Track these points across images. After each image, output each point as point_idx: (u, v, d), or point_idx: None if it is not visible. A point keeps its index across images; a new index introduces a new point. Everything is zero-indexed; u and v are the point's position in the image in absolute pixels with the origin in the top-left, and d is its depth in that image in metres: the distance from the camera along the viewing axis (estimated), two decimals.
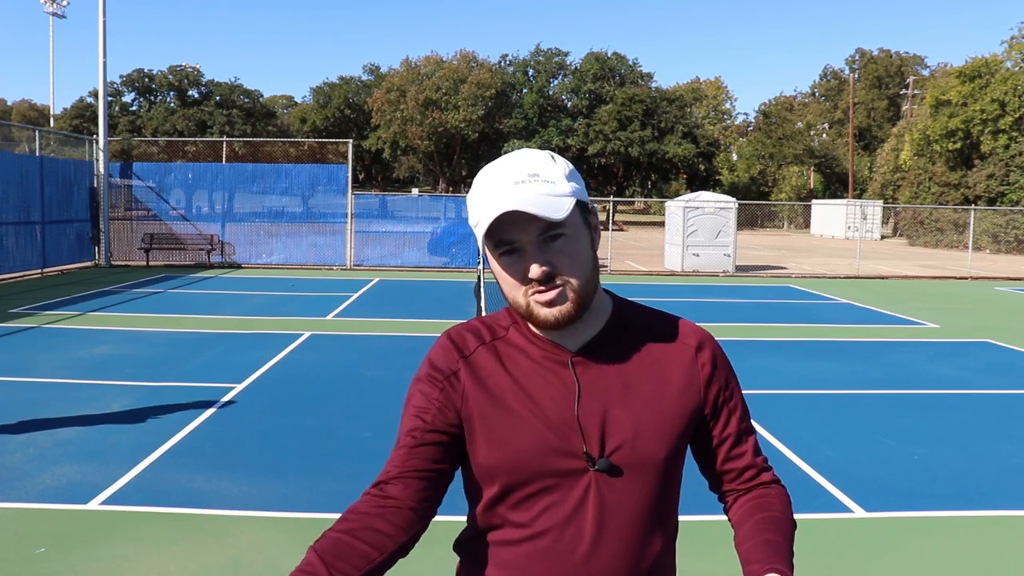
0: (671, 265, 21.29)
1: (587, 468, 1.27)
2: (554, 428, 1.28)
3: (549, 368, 1.31)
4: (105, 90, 20.37)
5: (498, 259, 1.28)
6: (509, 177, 1.25)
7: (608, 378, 1.31)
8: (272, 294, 14.76)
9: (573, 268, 1.27)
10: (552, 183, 1.25)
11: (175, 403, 6.82)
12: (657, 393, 1.32)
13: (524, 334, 1.35)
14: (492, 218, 1.21)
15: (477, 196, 1.28)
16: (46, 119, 61.49)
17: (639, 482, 1.29)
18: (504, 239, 1.25)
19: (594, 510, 1.28)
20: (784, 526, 1.34)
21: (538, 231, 1.24)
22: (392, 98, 55.81)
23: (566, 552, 1.28)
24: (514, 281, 1.27)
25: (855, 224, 40.63)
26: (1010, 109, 35.11)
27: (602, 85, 60.29)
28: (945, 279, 20.76)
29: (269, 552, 4.08)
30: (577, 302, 1.27)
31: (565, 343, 1.33)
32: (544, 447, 1.27)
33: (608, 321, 1.36)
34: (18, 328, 10.40)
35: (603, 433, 1.28)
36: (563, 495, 1.28)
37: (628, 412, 1.30)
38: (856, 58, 73.10)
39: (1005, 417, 6.95)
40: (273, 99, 75.64)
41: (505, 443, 1.29)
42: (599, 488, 1.28)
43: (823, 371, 8.72)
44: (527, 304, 1.27)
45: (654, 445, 1.30)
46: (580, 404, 1.29)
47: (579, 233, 1.29)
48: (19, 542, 4.11)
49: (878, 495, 5.01)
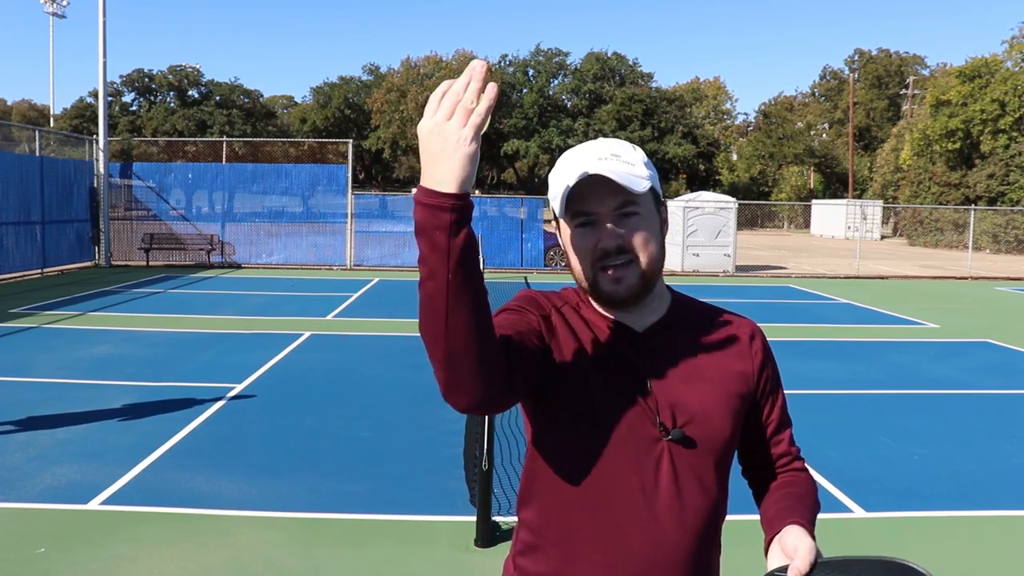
0: (671, 265, 21.27)
1: (660, 437, 1.33)
2: (628, 398, 1.33)
3: (616, 345, 1.37)
4: (105, 90, 20.37)
5: (574, 231, 1.34)
6: (593, 154, 1.32)
7: (673, 358, 1.38)
8: (272, 294, 14.76)
9: (644, 247, 1.33)
10: (632, 165, 1.34)
11: (175, 403, 6.82)
12: (718, 375, 1.39)
13: (593, 311, 1.41)
14: (576, 179, 1.27)
15: (560, 169, 1.35)
16: (46, 119, 61.49)
17: (707, 457, 1.36)
18: (582, 210, 1.32)
19: (668, 479, 1.33)
20: (807, 499, 1.43)
21: (616, 204, 1.31)
22: (392, 98, 55.82)
23: (639, 517, 1.32)
24: (587, 250, 1.33)
25: (855, 224, 40.62)
26: (1010, 109, 35.10)
27: (602, 85, 60.28)
28: (945, 279, 20.76)
29: (269, 552, 4.08)
30: (643, 280, 1.34)
31: (631, 323, 1.39)
32: (621, 413, 1.33)
33: (669, 308, 1.44)
34: (18, 328, 10.40)
35: (673, 407, 1.34)
36: (637, 462, 1.33)
37: (694, 391, 1.36)
38: (856, 58, 73.10)
39: (1005, 417, 6.95)
40: (273, 99, 75.61)
41: (583, 409, 1.33)
42: (671, 458, 1.34)
43: (823, 371, 8.71)
44: (594, 277, 1.33)
45: (720, 422, 1.37)
46: (650, 379, 1.35)
47: (652, 216, 1.36)
48: (19, 542, 4.11)
49: (878, 495, 5.01)
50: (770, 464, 1.51)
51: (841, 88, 71.88)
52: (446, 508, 4.56)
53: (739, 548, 4.29)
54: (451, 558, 4.05)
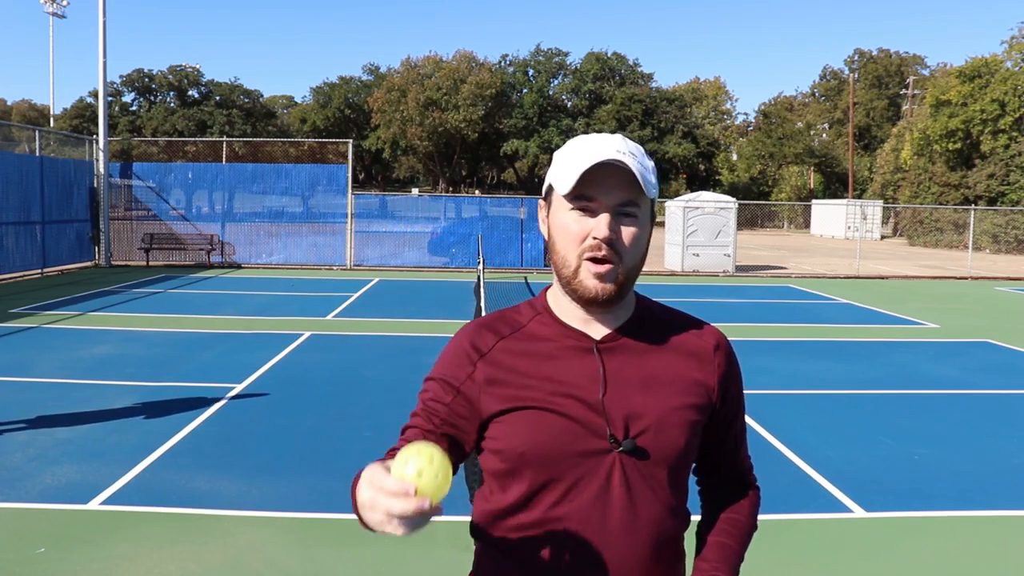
0: (671, 265, 21.29)
1: (611, 449, 1.31)
2: (579, 411, 1.31)
3: (574, 354, 1.35)
4: (105, 90, 20.36)
5: (567, 212, 1.32)
6: (612, 146, 1.30)
7: (631, 367, 1.36)
8: (272, 294, 14.76)
9: (631, 251, 1.32)
10: (648, 170, 1.33)
11: (175, 403, 6.82)
12: (677, 384, 1.37)
13: (546, 323, 1.39)
14: (597, 160, 1.26)
15: (576, 149, 1.32)
16: (46, 119, 61.50)
17: (661, 467, 1.34)
18: (586, 194, 1.29)
19: (620, 491, 1.31)
20: (744, 532, 1.46)
21: (621, 200, 1.30)
22: (392, 98, 55.79)
23: (593, 532, 1.31)
24: (576, 236, 1.31)
25: (855, 224, 40.63)
26: (1010, 109, 35.10)
27: (602, 85, 60.29)
28: (945, 279, 20.76)
29: (269, 552, 4.08)
30: (620, 286, 1.33)
31: (589, 331, 1.37)
32: (569, 430, 1.31)
33: (632, 314, 1.41)
34: (18, 328, 10.40)
35: (627, 418, 1.32)
36: (589, 476, 1.31)
37: (651, 400, 1.34)
38: (855, 58, 73.10)
39: (1005, 417, 6.95)
40: (273, 99, 75.61)
41: (531, 428, 1.32)
42: (624, 470, 1.32)
43: (823, 371, 8.72)
44: (578, 266, 1.31)
45: (675, 433, 1.34)
46: (605, 388, 1.33)
47: (646, 224, 1.35)
48: (19, 542, 4.11)
49: (878, 495, 5.01)
50: (723, 475, 1.51)
51: (841, 88, 71.87)
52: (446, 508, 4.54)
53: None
54: (451, 558, 4.05)
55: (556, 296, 1.41)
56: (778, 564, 4.09)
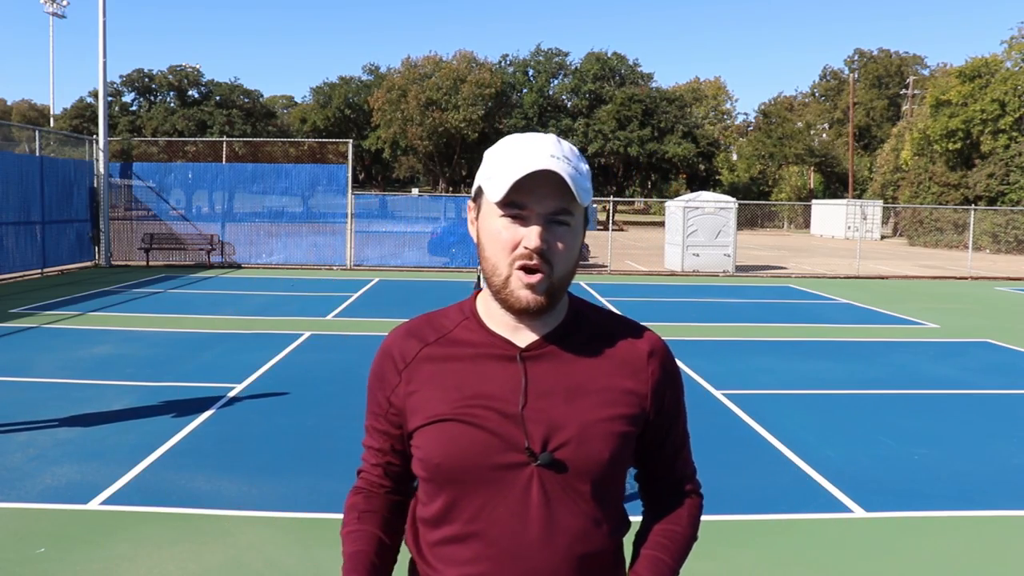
0: (671, 265, 21.29)
1: (528, 462, 1.28)
2: (497, 423, 1.28)
3: (496, 362, 1.32)
4: (105, 90, 20.36)
5: (498, 219, 1.27)
6: (545, 150, 1.26)
7: (556, 376, 1.32)
8: (272, 294, 14.76)
9: (563, 260, 1.28)
10: (583, 175, 1.29)
11: (175, 403, 6.82)
12: (604, 394, 1.33)
13: (473, 329, 1.36)
14: (525, 172, 1.22)
15: (507, 152, 1.28)
16: (46, 119, 61.50)
17: (582, 480, 1.30)
18: (517, 201, 1.25)
19: (538, 504, 1.28)
20: (681, 544, 1.41)
21: (552, 208, 1.26)
22: (392, 98, 55.81)
23: (511, 546, 1.28)
24: (507, 245, 1.27)
25: (855, 224, 40.63)
26: (1010, 109, 35.10)
27: (602, 85, 60.30)
28: (945, 279, 20.75)
29: (269, 552, 4.08)
30: (551, 296, 1.29)
31: (515, 338, 1.34)
32: (486, 442, 1.28)
33: (563, 320, 1.37)
34: (18, 328, 10.40)
35: (547, 430, 1.28)
36: (506, 490, 1.28)
37: (574, 411, 1.30)
38: (855, 58, 73.10)
39: (1005, 417, 6.95)
40: (273, 99, 75.64)
41: (447, 440, 1.29)
42: (542, 483, 1.28)
43: (823, 371, 8.71)
44: (509, 275, 1.27)
45: (598, 445, 1.30)
46: (526, 400, 1.29)
47: (578, 232, 1.31)
48: (19, 542, 4.11)
49: (878, 495, 5.01)
50: (661, 485, 1.47)
51: (841, 88, 71.86)
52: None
53: (739, 548, 4.29)
54: None
55: (486, 300, 1.37)
56: (778, 564, 4.09)
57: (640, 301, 14.73)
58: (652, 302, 14.74)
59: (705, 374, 8.34)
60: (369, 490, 1.45)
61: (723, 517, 4.63)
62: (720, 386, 7.82)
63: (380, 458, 1.43)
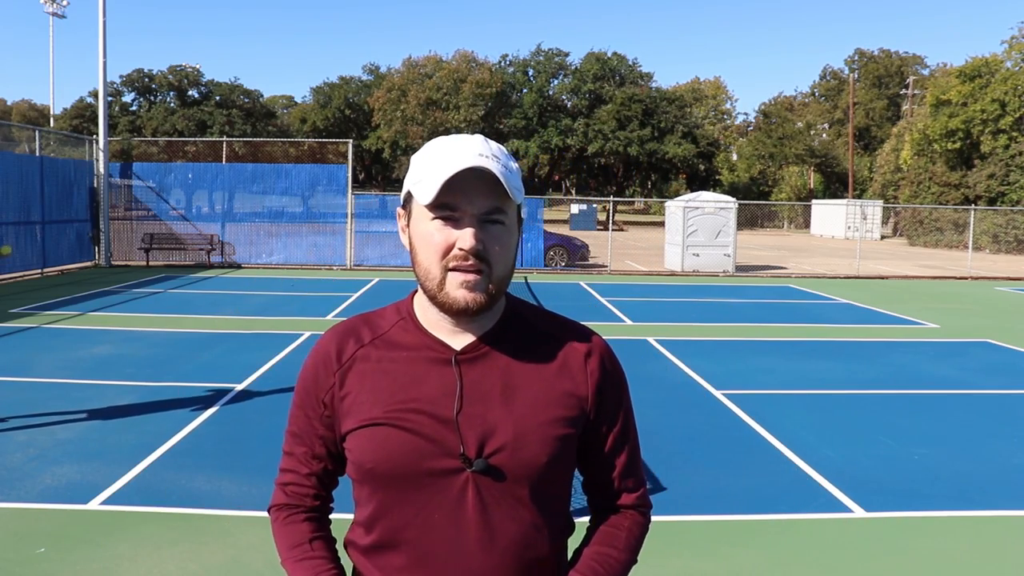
0: (671, 265, 21.29)
1: (463, 468, 1.25)
2: (431, 428, 1.26)
3: (432, 366, 1.29)
4: (105, 90, 20.36)
5: (429, 222, 1.24)
6: (473, 149, 1.23)
7: (492, 379, 1.29)
8: (272, 294, 14.76)
9: (500, 258, 1.26)
10: (513, 173, 1.26)
11: (175, 403, 6.82)
12: (541, 397, 1.30)
13: (409, 331, 1.33)
14: (455, 171, 1.19)
15: (431, 155, 1.25)
16: (46, 119, 61.50)
17: (520, 484, 1.27)
18: (449, 203, 1.22)
19: (474, 510, 1.26)
20: (615, 570, 1.34)
21: (485, 208, 1.23)
22: (392, 98, 55.82)
23: (447, 552, 1.26)
24: (439, 248, 1.23)
25: (855, 224, 40.63)
26: (1010, 109, 35.10)
27: (602, 85, 60.29)
28: (945, 279, 20.75)
29: (269, 552, 4.08)
30: (490, 295, 1.26)
31: (451, 340, 1.31)
32: (419, 447, 1.25)
33: (499, 321, 1.34)
34: (18, 328, 10.40)
35: (483, 435, 1.26)
36: (440, 496, 1.26)
37: (510, 414, 1.27)
38: (856, 58, 73.10)
39: (1005, 417, 6.95)
40: (273, 99, 75.64)
41: (380, 445, 1.26)
42: (478, 489, 1.26)
43: (823, 371, 8.71)
44: (442, 278, 1.24)
45: (535, 449, 1.27)
46: (461, 404, 1.27)
47: (513, 230, 1.29)
48: (19, 542, 4.11)
49: (878, 495, 5.00)
50: (598, 493, 1.41)
51: (841, 88, 71.87)
52: None
53: (739, 548, 4.29)
54: None
55: (422, 301, 1.34)
56: (778, 564, 4.09)
57: (640, 301, 14.73)
58: (652, 302, 14.74)
59: (705, 374, 8.34)
60: (301, 506, 1.38)
61: (723, 517, 4.63)
62: (720, 386, 7.82)
63: (314, 465, 1.36)
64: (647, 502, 1.43)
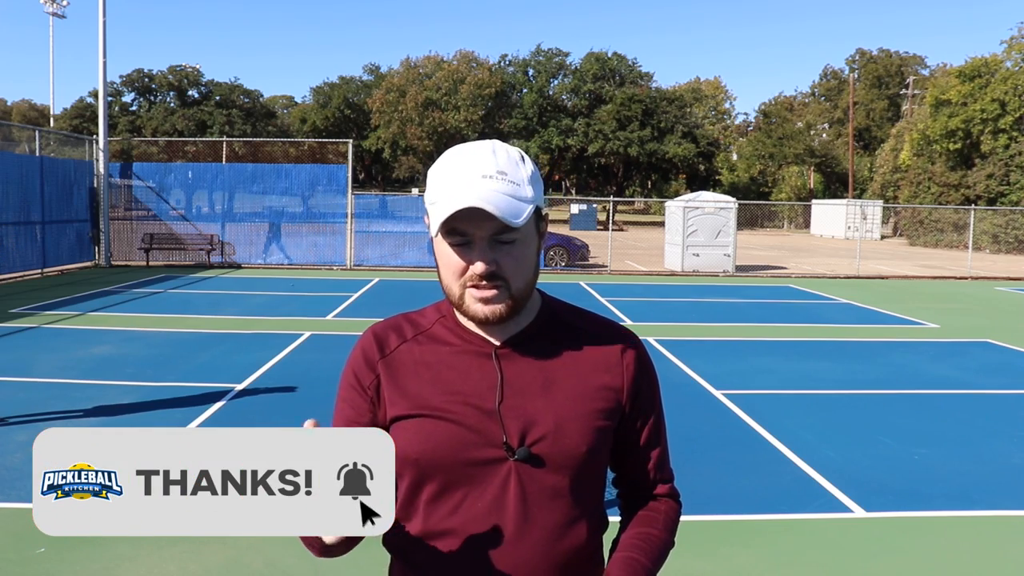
0: (671, 265, 21.29)
1: (506, 458, 1.29)
2: (474, 418, 1.30)
3: (473, 360, 1.34)
4: (105, 90, 20.36)
5: (446, 245, 1.29)
6: (477, 169, 1.26)
7: (531, 372, 1.34)
8: (272, 294, 14.76)
9: (517, 272, 1.29)
10: (518, 186, 1.27)
11: (175, 403, 6.82)
12: (579, 389, 1.34)
13: (450, 327, 1.38)
14: (454, 210, 1.22)
15: (442, 179, 1.28)
16: (46, 119, 61.48)
17: (560, 474, 1.31)
18: (458, 229, 1.26)
19: (515, 500, 1.29)
20: (658, 548, 1.37)
21: (492, 230, 1.26)
22: (392, 98, 55.82)
23: (488, 542, 1.29)
24: (456, 269, 1.29)
25: (855, 224, 40.60)
26: (1010, 109, 35.10)
27: (602, 85, 60.29)
28: (945, 279, 20.76)
29: (269, 552, 4.08)
30: (512, 304, 1.30)
31: (491, 336, 1.35)
32: (463, 437, 1.29)
33: (536, 318, 1.38)
34: (18, 328, 10.40)
35: (524, 425, 1.30)
36: (483, 485, 1.30)
37: (550, 406, 1.32)
38: (856, 58, 73.09)
39: (1005, 417, 6.95)
40: (273, 99, 75.66)
41: (424, 436, 1.30)
42: (520, 478, 1.30)
43: (823, 371, 8.71)
44: (462, 294, 1.30)
45: (576, 439, 1.31)
46: (502, 396, 1.31)
47: (529, 239, 1.32)
48: (19, 542, 4.11)
49: (878, 495, 5.00)
50: (632, 484, 1.45)
51: (841, 88, 71.87)
52: None
53: (739, 548, 4.29)
54: None
55: None
56: (778, 564, 4.09)
57: (640, 301, 14.73)
58: (652, 302, 14.74)
59: (705, 374, 8.34)
60: None
61: (723, 517, 4.63)
62: (720, 386, 7.82)
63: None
64: (679, 493, 1.48)
